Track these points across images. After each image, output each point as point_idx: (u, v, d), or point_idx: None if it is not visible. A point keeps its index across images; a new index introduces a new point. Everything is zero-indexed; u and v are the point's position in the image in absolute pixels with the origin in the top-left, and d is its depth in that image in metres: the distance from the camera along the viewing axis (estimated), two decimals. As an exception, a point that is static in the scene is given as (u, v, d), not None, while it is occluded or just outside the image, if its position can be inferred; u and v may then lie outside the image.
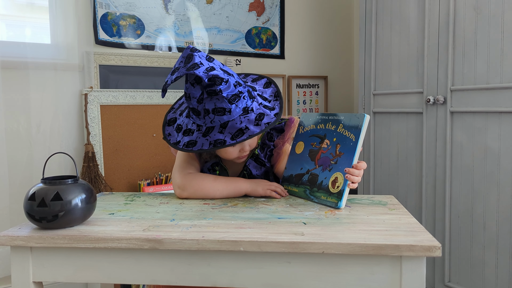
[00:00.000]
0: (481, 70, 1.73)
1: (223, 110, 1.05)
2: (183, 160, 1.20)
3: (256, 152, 1.22)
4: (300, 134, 1.20)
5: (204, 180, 1.15)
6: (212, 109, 1.05)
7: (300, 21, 2.70)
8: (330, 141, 1.10)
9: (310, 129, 1.18)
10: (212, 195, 1.14)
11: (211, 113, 1.06)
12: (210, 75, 1.01)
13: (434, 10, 1.89)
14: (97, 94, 2.00)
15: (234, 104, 1.05)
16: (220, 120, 1.06)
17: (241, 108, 1.06)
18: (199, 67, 1.02)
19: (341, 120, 1.10)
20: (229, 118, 1.06)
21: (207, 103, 1.05)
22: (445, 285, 1.90)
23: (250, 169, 1.23)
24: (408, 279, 0.78)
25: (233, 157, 1.16)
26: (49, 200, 0.85)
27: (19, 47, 1.87)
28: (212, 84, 1.03)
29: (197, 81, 1.04)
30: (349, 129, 1.06)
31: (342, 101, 2.88)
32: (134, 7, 2.14)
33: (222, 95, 1.03)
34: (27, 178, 1.87)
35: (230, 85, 1.04)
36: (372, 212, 1.00)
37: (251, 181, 1.17)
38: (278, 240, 0.80)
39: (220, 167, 1.23)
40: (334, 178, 1.05)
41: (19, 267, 0.87)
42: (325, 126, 1.13)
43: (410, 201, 2.06)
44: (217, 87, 1.03)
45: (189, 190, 1.14)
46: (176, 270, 0.85)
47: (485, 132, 1.73)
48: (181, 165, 1.18)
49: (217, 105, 1.04)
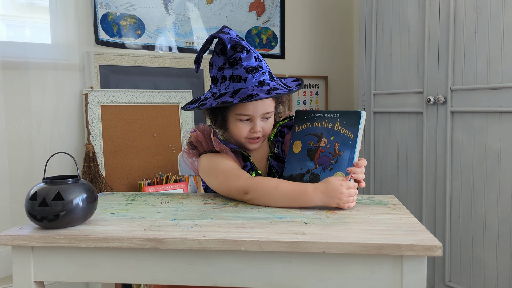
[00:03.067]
0: (482, 70, 1.73)
1: (239, 77, 1.07)
2: (229, 169, 1.10)
3: (275, 150, 1.22)
4: (297, 133, 1.18)
5: (269, 183, 1.05)
6: (229, 76, 1.08)
7: (300, 21, 2.70)
8: (328, 140, 1.09)
9: (306, 128, 1.16)
10: (274, 202, 1.03)
11: (227, 79, 1.08)
12: (233, 41, 1.07)
13: (435, 10, 1.89)
14: (98, 94, 2.00)
15: (251, 75, 1.07)
16: (234, 87, 1.07)
17: (257, 80, 1.08)
18: (225, 34, 1.09)
19: (337, 118, 1.08)
20: (243, 86, 1.07)
21: (226, 71, 1.08)
22: (446, 284, 1.90)
23: (275, 167, 1.21)
24: (409, 278, 0.78)
25: (243, 135, 1.13)
26: (50, 200, 0.85)
27: (19, 47, 1.87)
28: (234, 52, 1.07)
29: (223, 51, 1.09)
30: (347, 127, 1.05)
31: (343, 101, 2.88)
32: (135, 7, 2.14)
33: (242, 64, 1.07)
34: (28, 178, 1.87)
35: (251, 56, 1.08)
36: (373, 211, 1.00)
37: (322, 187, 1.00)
38: (279, 240, 0.80)
39: (255, 173, 1.18)
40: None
41: (20, 266, 0.87)
42: (321, 124, 1.12)
43: (410, 201, 2.06)
44: (237, 55, 1.07)
45: (254, 193, 1.04)
46: (177, 269, 0.85)
47: (485, 132, 1.74)
48: (231, 173, 1.09)
49: (235, 72, 1.07)
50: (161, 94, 2.15)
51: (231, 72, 1.08)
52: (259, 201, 1.04)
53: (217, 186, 1.13)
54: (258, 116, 1.11)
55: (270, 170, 1.22)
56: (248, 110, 1.10)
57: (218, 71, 1.10)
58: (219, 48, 1.10)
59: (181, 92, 2.20)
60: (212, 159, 1.14)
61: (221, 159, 1.13)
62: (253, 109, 1.10)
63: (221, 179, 1.11)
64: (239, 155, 1.18)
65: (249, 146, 1.16)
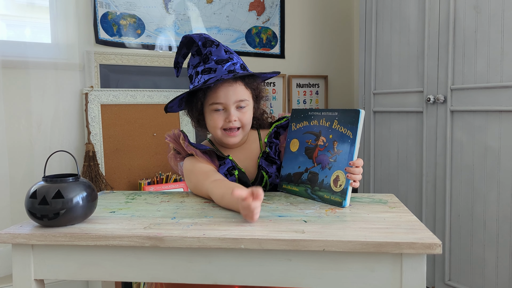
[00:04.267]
0: (481, 69, 1.73)
1: (209, 69, 1.13)
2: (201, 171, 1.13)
3: (266, 150, 1.22)
4: (293, 131, 1.17)
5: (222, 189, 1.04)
6: (202, 70, 1.14)
7: (300, 21, 2.70)
8: (326, 138, 1.08)
9: (304, 126, 1.15)
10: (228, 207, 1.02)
11: (200, 73, 1.14)
12: (203, 38, 1.16)
13: (434, 9, 1.89)
14: (98, 93, 2.00)
15: (221, 65, 1.13)
16: (205, 78, 1.13)
17: (226, 69, 1.13)
18: (197, 35, 1.17)
19: (335, 116, 1.07)
20: (212, 76, 1.12)
21: (199, 67, 1.15)
22: (446, 283, 1.90)
23: (265, 168, 1.21)
24: (408, 276, 0.79)
25: (218, 125, 1.14)
26: (50, 198, 0.85)
27: (19, 47, 1.87)
28: (205, 48, 1.15)
29: (198, 52, 1.16)
30: (345, 125, 1.04)
31: (342, 100, 2.88)
32: (135, 7, 2.14)
33: (212, 57, 1.14)
34: (28, 178, 1.87)
35: (220, 50, 1.15)
36: (373, 210, 1.00)
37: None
38: (279, 238, 0.80)
39: (238, 170, 1.19)
40: (335, 176, 1.04)
41: (20, 264, 0.87)
42: (319, 122, 1.11)
43: (410, 200, 2.06)
44: (208, 49, 1.14)
45: (215, 197, 1.05)
46: (177, 267, 0.85)
47: (485, 131, 1.74)
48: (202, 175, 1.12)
49: (206, 66, 1.14)
50: (161, 94, 2.15)
51: (204, 66, 1.15)
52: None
53: (193, 189, 1.18)
54: (231, 104, 1.14)
55: (259, 169, 1.21)
56: (219, 98, 1.13)
57: (193, 68, 1.17)
58: (195, 50, 1.18)
59: (181, 91, 2.20)
60: (190, 162, 1.18)
61: (196, 161, 1.16)
62: (224, 96, 1.13)
63: (194, 182, 1.15)
64: (213, 155, 1.19)
65: (227, 140, 1.16)
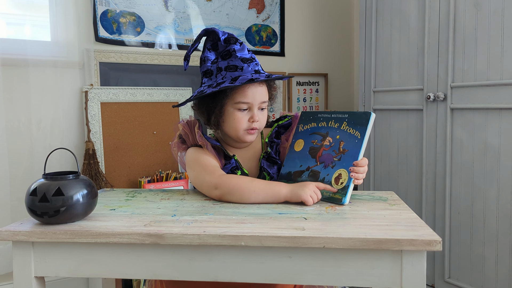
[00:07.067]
0: (481, 67, 1.73)
1: (235, 67, 1.10)
2: (207, 164, 1.12)
3: (268, 150, 1.21)
4: (300, 132, 1.17)
5: (241, 180, 1.06)
6: (225, 66, 1.10)
7: (300, 19, 2.70)
8: (333, 138, 1.08)
9: (311, 127, 1.15)
10: (247, 197, 1.03)
11: (223, 70, 1.11)
12: (226, 34, 1.12)
13: (434, 7, 1.89)
14: (97, 91, 2.00)
15: (247, 64, 1.10)
16: (232, 76, 1.09)
17: (252, 69, 1.11)
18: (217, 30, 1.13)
19: (345, 118, 1.08)
20: (240, 73, 1.09)
21: (220, 63, 1.11)
22: (445, 281, 1.90)
23: (266, 169, 1.19)
24: (408, 273, 0.79)
25: (242, 126, 1.12)
26: (50, 195, 0.85)
27: (19, 45, 1.87)
28: (227, 45, 1.10)
29: (213, 47, 1.13)
30: (354, 126, 1.05)
31: (342, 98, 2.88)
32: (134, 5, 2.14)
33: (236, 55, 1.10)
34: (28, 176, 1.87)
35: (244, 48, 1.12)
36: (373, 207, 1.00)
37: (292, 184, 1.05)
38: (279, 235, 0.80)
39: (241, 171, 1.18)
40: (337, 174, 1.04)
41: (21, 262, 0.87)
42: (327, 124, 1.11)
43: (410, 198, 2.06)
44: (231, 47, 1.10)
45: (223, 189, 1.05)
46: (178, 265, 0.85)
47: (485, 128, 1.74)
48: (208, 168, 1.11)
49: (230, 63, 1.10)
50: (161, 92, 2.15)
51: (227, 63, 1.11)
52: (228, 197, 1.05)
53: (193, 179, 1.15)
54: (256, 105, 1.13)
55: (261, 171, 1.20)
56: (247, 97, 1.11)
57: (212, 64, 1.13)
58: (210, 44, 1.14)
59: (181, 89, 2.20)
60: (196, 152, 1.16)
61: (203, 153, 1.15)
62: (252, 96, 1.11)
63: (197, 172, 1.13)
64: (221, 153, 1.18)
65: (246, 138, 1.15)
